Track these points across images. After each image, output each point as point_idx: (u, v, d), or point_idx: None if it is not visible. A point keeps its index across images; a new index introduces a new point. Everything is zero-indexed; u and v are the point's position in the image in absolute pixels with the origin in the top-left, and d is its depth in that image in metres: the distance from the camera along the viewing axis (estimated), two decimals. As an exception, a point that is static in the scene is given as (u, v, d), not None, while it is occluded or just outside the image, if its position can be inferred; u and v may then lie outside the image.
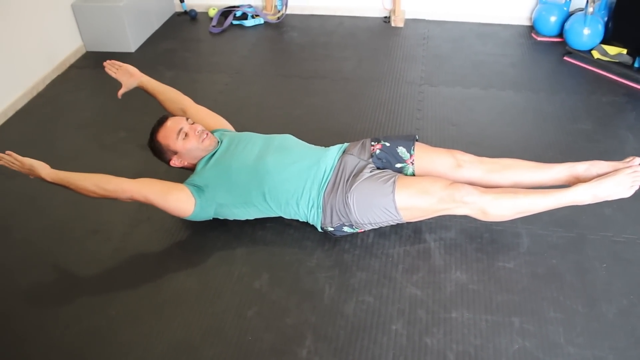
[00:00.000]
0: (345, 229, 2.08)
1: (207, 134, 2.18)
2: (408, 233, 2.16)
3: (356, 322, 1.83)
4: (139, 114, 3.04)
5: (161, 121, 2.20)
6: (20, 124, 3.01)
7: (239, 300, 1.93)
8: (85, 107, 3.14)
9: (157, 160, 2.60)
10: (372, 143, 2.17)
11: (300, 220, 2.13)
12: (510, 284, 1.95)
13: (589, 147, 2.57)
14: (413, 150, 2.12)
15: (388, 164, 2.13)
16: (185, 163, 2.20)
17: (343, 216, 2.03)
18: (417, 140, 2.17)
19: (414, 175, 2.12)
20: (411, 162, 2.12)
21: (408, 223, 2.19)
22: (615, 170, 1.95)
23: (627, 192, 1.93)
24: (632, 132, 2.68)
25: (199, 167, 2.16)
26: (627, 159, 1.98)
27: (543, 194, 1.96)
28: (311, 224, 2.13)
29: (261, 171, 2.07)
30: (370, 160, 2.12)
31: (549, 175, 2.07)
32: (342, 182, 2.04)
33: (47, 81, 3.37)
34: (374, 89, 3.15)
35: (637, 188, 1.93)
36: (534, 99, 3.00)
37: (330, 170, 2.09)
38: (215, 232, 2.21)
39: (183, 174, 2.24)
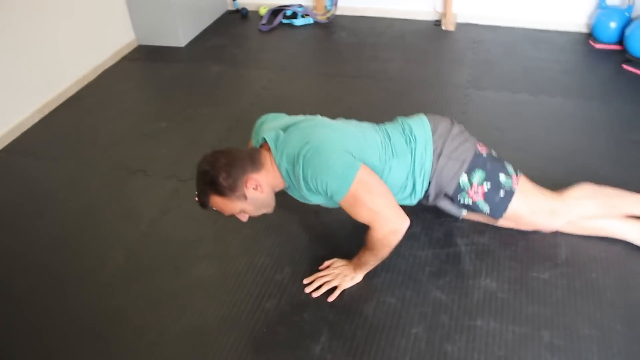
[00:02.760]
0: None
1: (258, 216, 1.84)
2: (438, 236, 2.07)
3: (375, 323, 1.76)
4: (182, 104, 3.08)
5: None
6: (68, 112, 3.10)
7: (259, 291, 1.89)
8: (131, 97, 3.21)
9: (194, 148, 2.66)
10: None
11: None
12: (544, 295, 1.83)
13: (643, 160, 2.42)
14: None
15: None
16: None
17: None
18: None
19: None
20: None
21: (440, 226, 2.10)
22: None
23: None
24: (692, 146, 2.50)
25: None
26: None
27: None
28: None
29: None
30: None
31: None
32: None
33: (99, 72, 3.46)
34: (417, 90, 3.07)
35: None
36: (585, 106, 2.84)
37: None
38: (243, 223, 2.17)
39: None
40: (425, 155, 1.88)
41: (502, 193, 1.88)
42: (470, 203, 1.91)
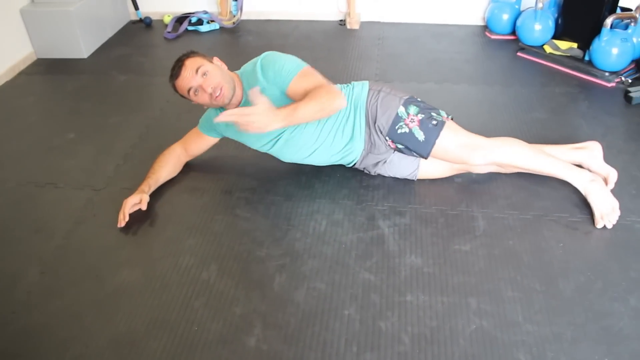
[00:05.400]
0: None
1: (220, 91, 2.02)
2: (361, 220, 2.10)
3: (307, 309, 1.76)
4: (89, 115, 2.96)
5: (175, 72, 2.06)
6: (-37, 130, 2.90)
7: (186, 291, 1.84)
8: (33, 111, 3.04)
9: (106, 157, 2.56)
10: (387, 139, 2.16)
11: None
12: (467, 266, 1.90)
13: (544, 135, 2.57)
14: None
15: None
16: (205, 107, 2.23)
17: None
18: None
19: None
20: None
21: (361, 211, 2.14)
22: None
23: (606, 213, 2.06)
24: (585, 120, 2.69)
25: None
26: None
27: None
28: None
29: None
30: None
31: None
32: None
33: (-6, 88, 3.27)
34: (329, 86, 3.12)
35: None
36: (488, 91, 3.00)
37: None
38: (163, 226, 2.13)
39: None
40: (362, 91, 2.19)
41: (434, 122, 2.11)
42: (407, 131, 2.11)
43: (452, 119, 2.20)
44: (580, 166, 2.21)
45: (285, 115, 1.88)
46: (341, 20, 4.00)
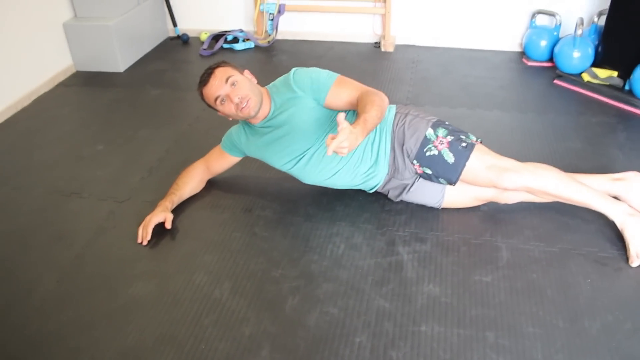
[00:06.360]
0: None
1: (247, 102, 2.02)
2: (381, 245, 2.06)
3: (318, 334, 1.72)
4: (120, 127, 3.01)
5: (205, 78, 2.06)
6: (0, 136, 2.98)
7: (197, 308, 1.82)
8: (67, 122, 3.11)
9: (132, 169, 2.59)
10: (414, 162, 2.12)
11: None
12: (487, 297, 1.83)
13: (578, 165, 2.48)
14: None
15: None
16: (230, 119, 2.16)
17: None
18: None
19: None
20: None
21: (381, 236, 2.10)
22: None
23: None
24: (622, 151, 2.59)
25: (250, 136, 2.23)
26: None
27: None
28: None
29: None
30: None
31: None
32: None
33: (33, 97, 3.35)
34: (359, 108, 3.10)
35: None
36: (521, 118, 2.92)
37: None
38: (181, 241, 2.13)
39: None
40: (388, 114, 2.16)
41: (464, 144, 2.06)
42: (436, 153, 2.06)
43: (481, 143, 2.14)
44: (617, 199, 2.11)
45: (362, 129, 1.81)
46: (376, 43, 3.99)
